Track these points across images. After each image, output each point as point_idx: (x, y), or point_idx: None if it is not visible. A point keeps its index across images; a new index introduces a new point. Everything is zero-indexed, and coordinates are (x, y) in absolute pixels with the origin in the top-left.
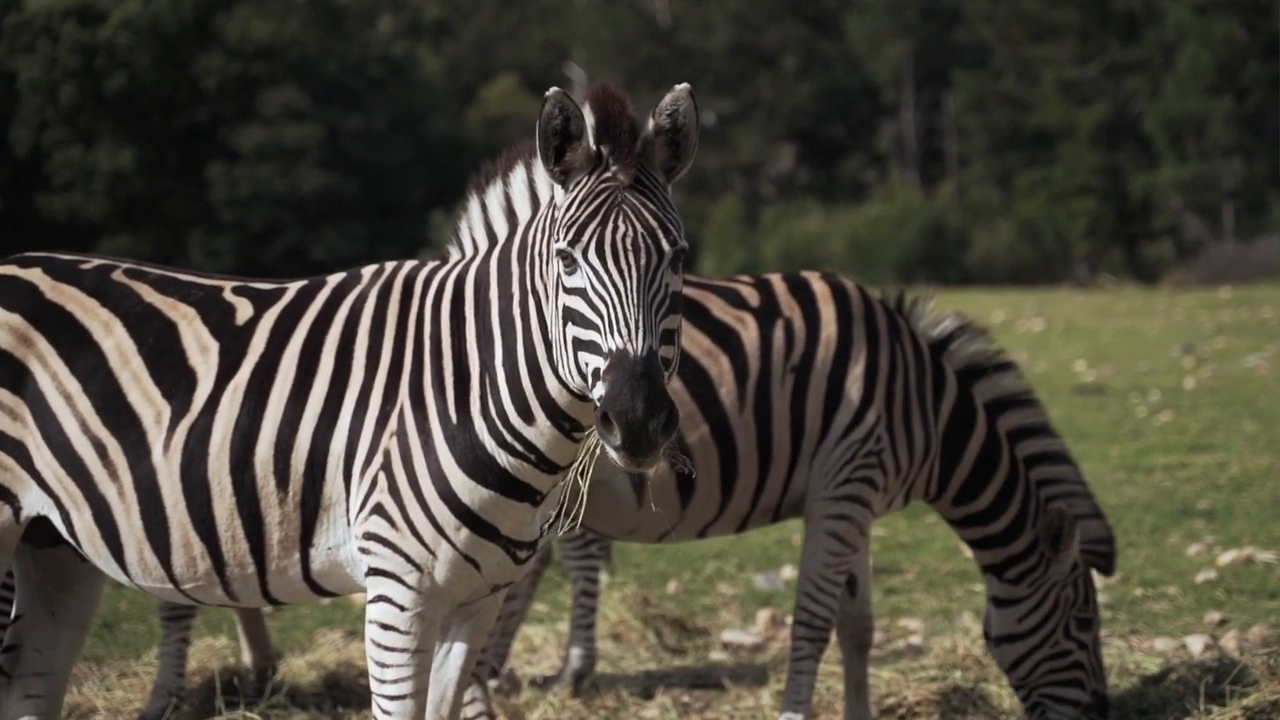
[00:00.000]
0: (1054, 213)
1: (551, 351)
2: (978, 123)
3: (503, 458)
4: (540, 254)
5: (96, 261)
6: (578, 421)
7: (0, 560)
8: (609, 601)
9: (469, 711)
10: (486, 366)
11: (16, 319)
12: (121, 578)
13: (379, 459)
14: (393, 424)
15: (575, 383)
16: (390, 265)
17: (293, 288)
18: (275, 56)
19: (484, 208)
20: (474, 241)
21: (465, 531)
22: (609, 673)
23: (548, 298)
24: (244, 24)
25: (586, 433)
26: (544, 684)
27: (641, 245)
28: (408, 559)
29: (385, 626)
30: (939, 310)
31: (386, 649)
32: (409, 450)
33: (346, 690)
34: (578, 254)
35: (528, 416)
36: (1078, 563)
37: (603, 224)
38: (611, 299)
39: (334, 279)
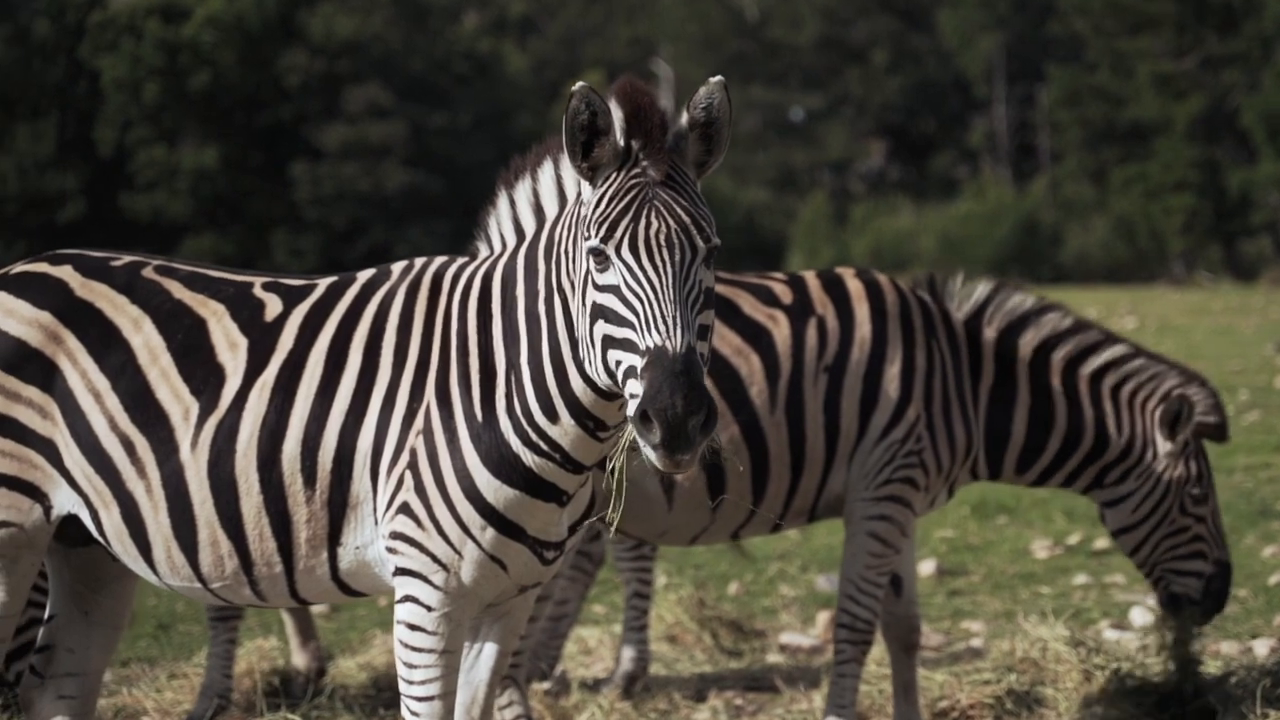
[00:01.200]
0: (1149, 209)
1: (577, 350)
2: (1071, 117)
3: (528, 457)
4: (566, 252)
5: (128, 258)
6: (602, 421)
7: (32, 559)
8: (665, 603)
9: (507, 714)
10: (512, 364)
11: (46, 316)
12: (150, 577)
13: (405, 457)
14: (419, 422)
15: (603, 381)
16: (420, 261)
17: (322, 284)
18: (359, 53)
19: (512, 204)
20: (502, 238)
21: (491, 531)
22: (663, 675)
23: (574, 295)
24: (328, 21)
25: (622, 431)
26: (595, 686)
27: (676, 241)
28: (434, 559)
29: (413, 627)
30: (974, 285)
31: (414, 649)
32: (435, 449)
33: (395, 692)
34: (610, 250)
35: (552, 415)
36: (1187, 440)
37: (635, 220)
38: (647, 295)
39: (364, 275)
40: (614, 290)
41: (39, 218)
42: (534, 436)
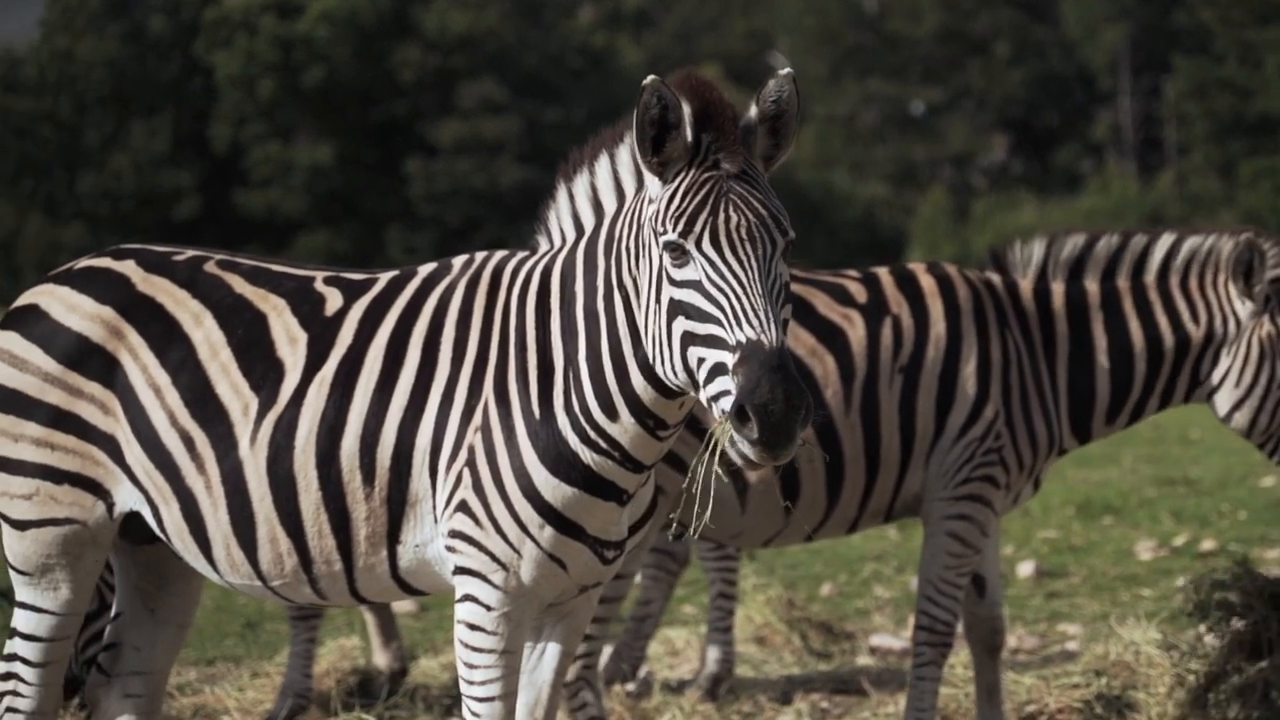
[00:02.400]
0: (1279, 203)
1: (638, 346)
2: (1198, 110)
3: (586, 454)
4: (628, 249)
5: (190, 253)
6: (662, 419)
7: (96, 556)
8: (754, 604)
9: (580, 716)
10: (570, 361)
11: (108, 311)
12: (212, 574)
13: (464, 454)
14: (477, 419)
15: (679, 379)
16: (480, 255)
17: (383, 278)
18: (473, 48)
19: (571, 198)
20: (562, 232)
21: (549, 530)
22: (750, 677)
23: (641, 292)
24: (442, 15)
25: (682, 430)
26: (679, 688)
27: (757, 235)
28: (493, 558)
29: (472, 627)
30: (1031, 247)
31: (474, 649)
32: (493, 446)
33: None
34: (690, 245)
35: (611, 413)
36: (1269, 296)
37: (713, 214)
38: (734, 290)
39: (425, 269)
40: (695, 286)
41: (154, 215)
42: (592, 434)
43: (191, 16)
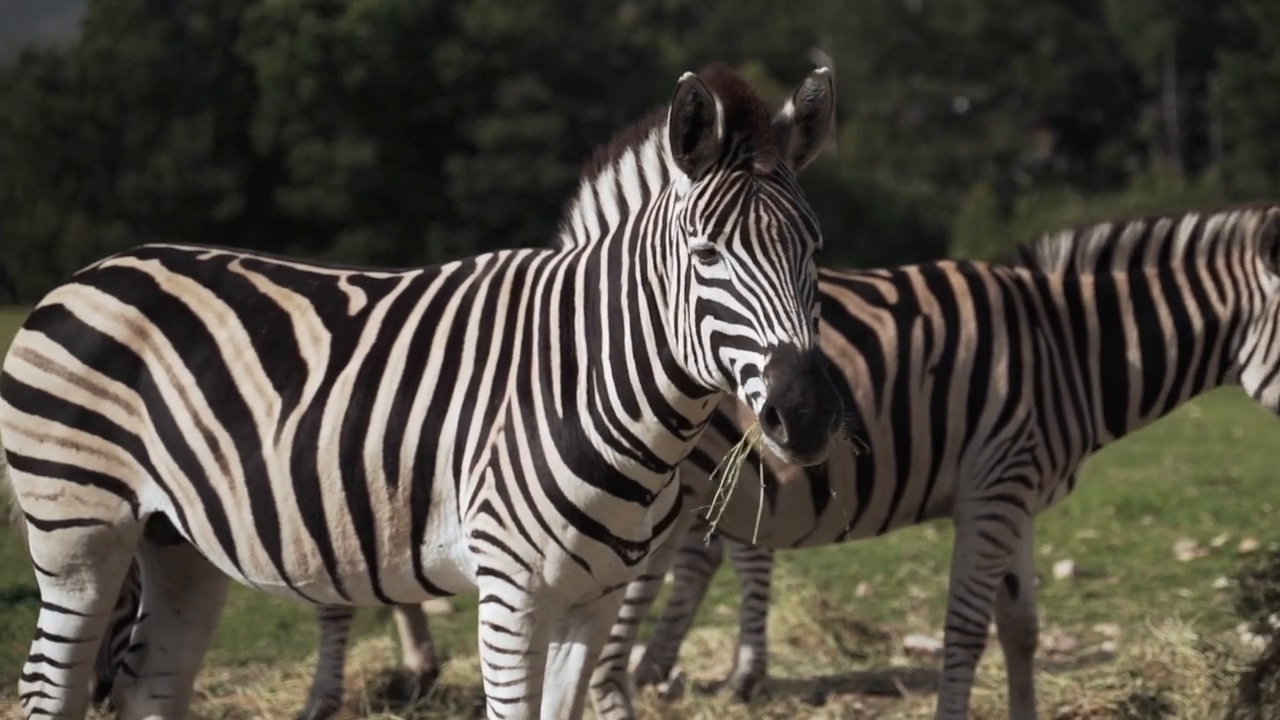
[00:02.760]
0: None
1: (663, 345)
2: (1244, 106)
3: (609, 454)
4: (654, 246)
5: (215, 252)
6: (686, 419)
7: (122, 557)
8: (788, 604)
9: (610, 718)
10: (594, 360)
11: (132, 311)
12: (236, 575)
13: (487, 454)
14: (500, 418)
15: (712, 378)
16: (504, 254)
17: (407, 277)
18: (515, 46)
19: (595, 195)
20: (586, 230)
21: (573, 530)
22: (783, 678)
23: (669, 290)
24: (483, 14)
25: (705, 429)
26: (711, 689)
27: (788, 235)
28: (516, 558)
29: (496, 628)
30: (1058, 240)
31: (498, 650)
32: (516, 446)
33: None
34: (720, 245)
35: (634, 412)
36: None
37: (744, 213)
38: (765, 291)
39: (449, 268)
40: (724, 285)
41: (195, 215)
42: (615, 433)
43: (233, 16)
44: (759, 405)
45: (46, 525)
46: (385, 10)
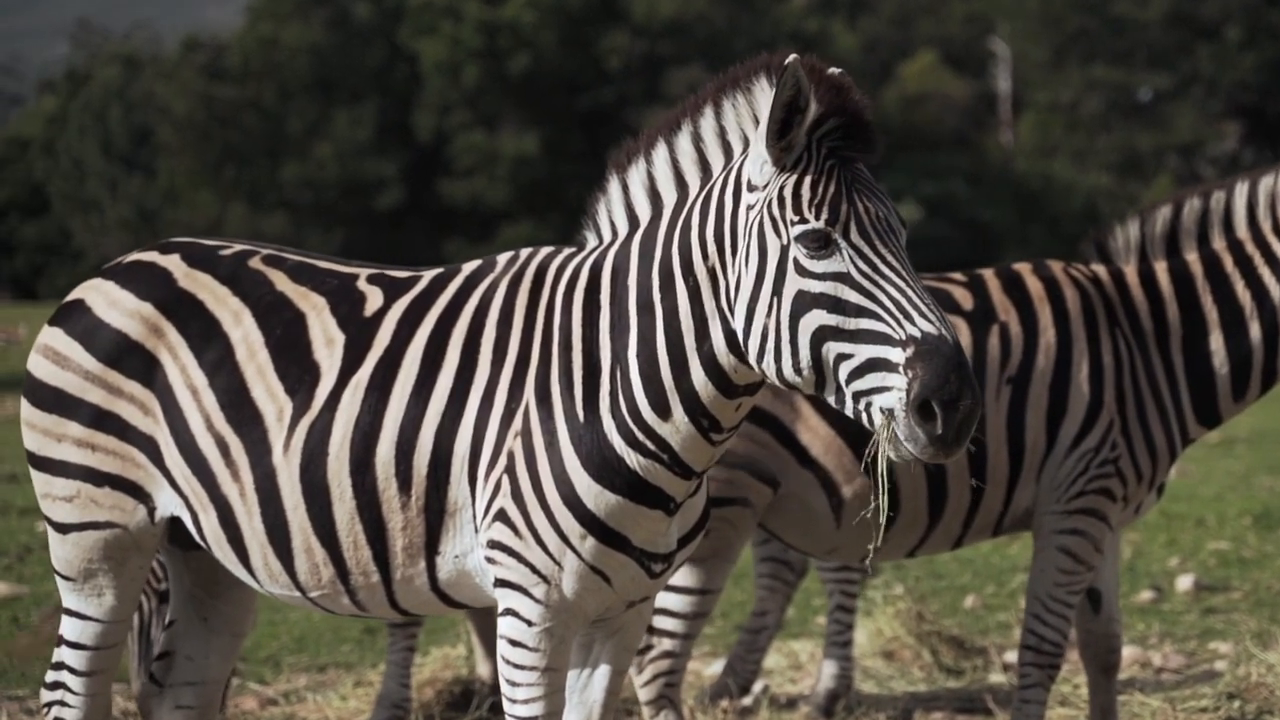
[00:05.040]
0: None
1: (704, 341)
2: None
3: (632, 458)
4: (716, 236)
5: (238, 246)
6: (718, 420)
7: (140, 563)
8: (883, 616)
9: None
10: (618, 358)
11: (148, 308)
12: (253, 583)
13: (503, 460)
14: (517, 423)
15: (799, 376)
16: (525, 252)
17: (426, 276)
18: (682, 34)
19: (625, 188)
20: (613, 226)
21: (592, 541)
22: (872, 693)
23: (742, 285)
24: (650, 0)
25: (735, 434)
26: (791, 704)
27: (895, 225)
28: (533, 570)
29: (514, 643)
30: (1128, 229)
31: (516, 667)
32: (533, 452)
33: None
34: (838, 235)
35: (663, 411)
36: None
37: (851, 202)
38: (893, 282)
39: (468, 267)
40: (841, 278)
41: (356, 205)
42: (640, 435)
43: (396, 2)
44: (886, 400)
45: (63, 528)
46: None
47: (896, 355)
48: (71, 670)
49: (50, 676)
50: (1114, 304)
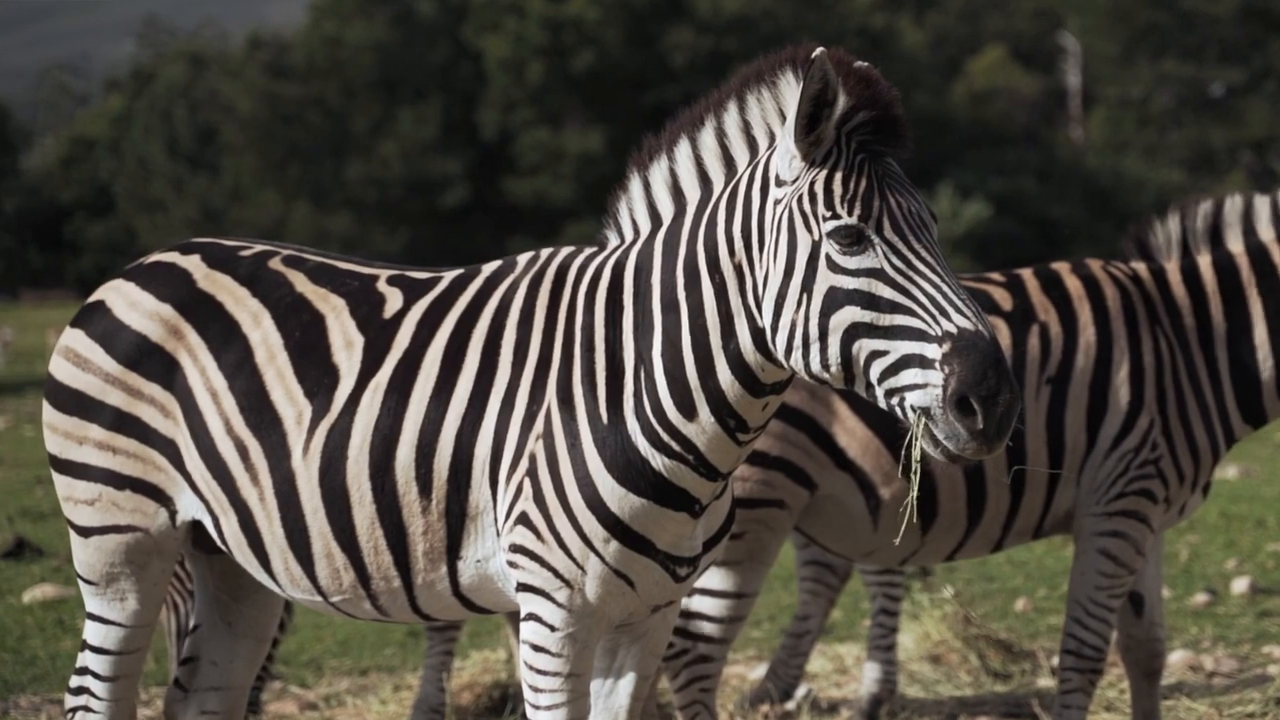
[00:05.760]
0: None
1: (730, 339)
2: None
3: (657, 460)
4: (743, 233)
5: (259, 247)
6: (744, 420)
7: (163, 567)
8: (930, 620)
9: None
10: (642, 358)
11: (168, 309)
12: (275, 588)
13: (525, 464)
14: (539, 425)
15: (829, 372)
16: (545, 252)
17: (447, 277)
18: (748, 30)
19: (647, 186)
20: (634, 224)
21: (615, 544)
22: (918, 697)
23: (770, 281)
24: None
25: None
26: (832, 709)
27: (927, 220)
28: (555, 574)
29: (536, 648)
30: (1168, 225)
31: (538, 672)
32: (555, 454)
33: None
34: (870, 230)
35: (689, 411)
36: None
37: (882, 197)
38: (928, 278)
39: (489, 267)
40: (875, 274)
41: (421, 203)
42: (665, 436)
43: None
44: (920, 397)
45: (84, 531)
46: None
47: (933, 351)
48: (95, 675)
49: (74, 681)
50: (1154, 301)
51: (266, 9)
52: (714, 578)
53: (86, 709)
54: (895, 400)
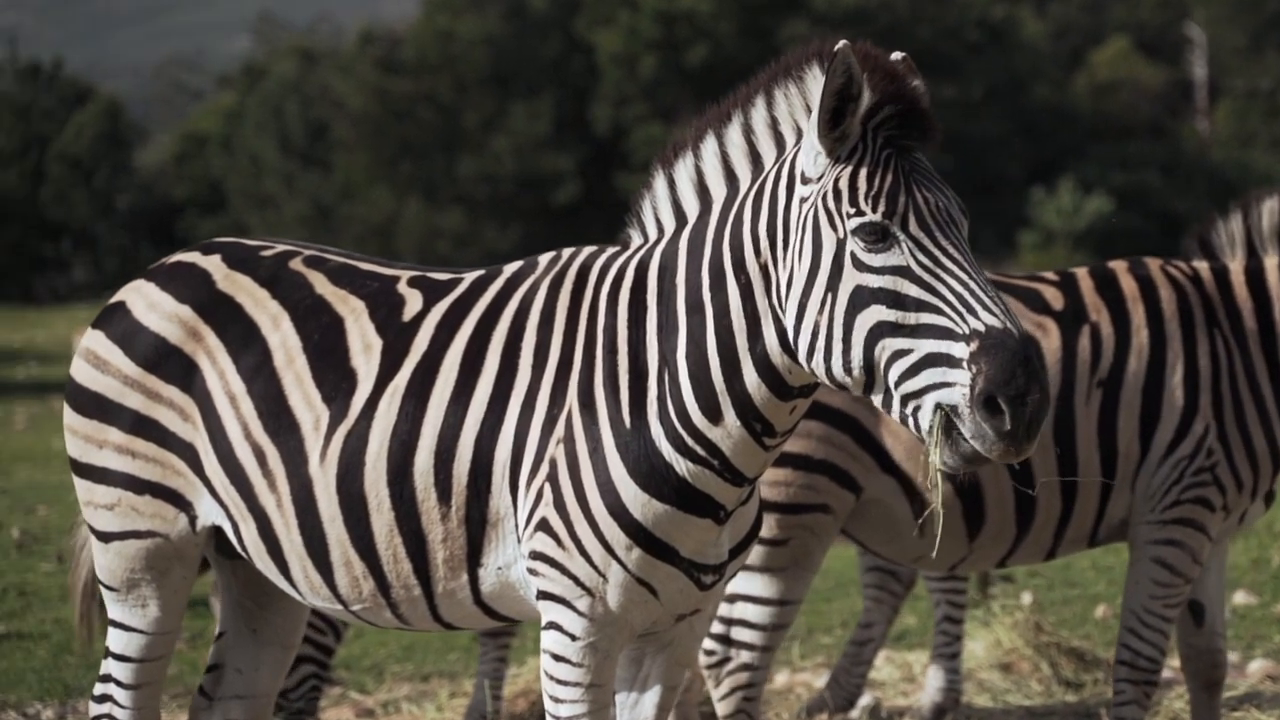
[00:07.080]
0: None
1: (757, 340)
2: None
3: (681, 465)
4: (769, 232)
5: (281, 247)
6: (771, 424)
7: (184, 573)
8: (1000, 627)
9: None
10: (666, 360)
11: (187, 311)
12: (295, 595)
13: (545, 468)
14: (560, 429)
15: (850, 375)
16: (567, 252)
17: (467, 278)
18: (864, 22)
19: (672, 184)
20: (659, 224)
21: (638, 552)
22: (986, 706)
23: (795, 281)
24: None
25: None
26: (899, 717)
27: (956, 216)
28: (576, 582)
29: (557, 658)
30: (1231, 223)
31: (559, 682)
32: (576, 459)
33: None
34: (896, 227)
35: (714, 415)
36: None
37: (909, 194)
38: (955, 275)
39: (510, 268)
40: (901, 272)
41: (533, 200)
42: (690, 441)
43: None
44: (945, 396)
45: (105, 536)
46: None
47: (960, 350)
48: (118, 683)
49: (98, 689)
50: (1214, 302)
51: (381, 4)
52: (757, 584)
53: (110, 717)
54: (911, 406)
